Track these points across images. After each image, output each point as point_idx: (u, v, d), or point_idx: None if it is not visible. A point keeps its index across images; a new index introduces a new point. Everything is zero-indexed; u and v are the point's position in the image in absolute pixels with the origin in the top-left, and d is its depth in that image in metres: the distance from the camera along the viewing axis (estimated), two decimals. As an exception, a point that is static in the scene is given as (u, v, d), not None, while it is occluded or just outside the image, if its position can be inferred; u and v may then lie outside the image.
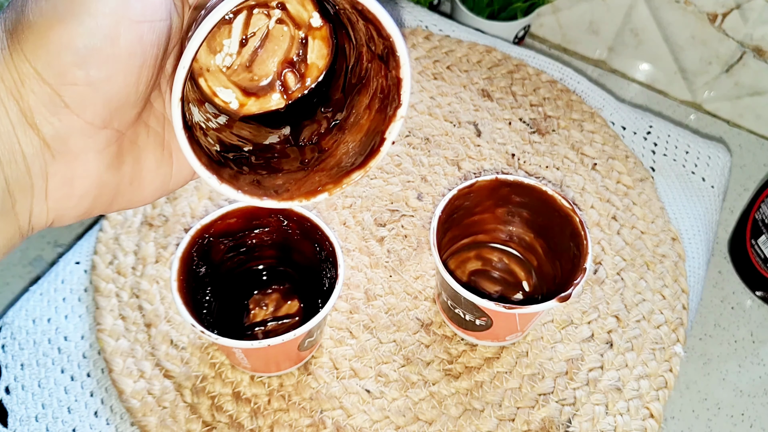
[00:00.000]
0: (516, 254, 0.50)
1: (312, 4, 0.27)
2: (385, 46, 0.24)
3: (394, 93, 0.25)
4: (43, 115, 0.21)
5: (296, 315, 0.47)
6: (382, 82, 0.26)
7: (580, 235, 0.42)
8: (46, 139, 0.22)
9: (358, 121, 0.27)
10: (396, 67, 0.24)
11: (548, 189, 0.44)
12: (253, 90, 0.27)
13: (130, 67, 0.22)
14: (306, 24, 0.27)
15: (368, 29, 0.25)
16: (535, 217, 0.47)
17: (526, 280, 0.49)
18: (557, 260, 0.46)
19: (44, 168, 0.22)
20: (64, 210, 0.23)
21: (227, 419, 0.43)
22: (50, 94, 0.21)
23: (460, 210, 0.46)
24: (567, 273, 0.43)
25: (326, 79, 0.29)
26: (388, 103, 0.26)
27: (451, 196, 0.44)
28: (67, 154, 0.22)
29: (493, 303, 0.40)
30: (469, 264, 0.50)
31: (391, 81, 0.25)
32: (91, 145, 0.22)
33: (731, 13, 0.68)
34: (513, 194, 0.46)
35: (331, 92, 0.29)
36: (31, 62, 0.21)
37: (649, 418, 0.45)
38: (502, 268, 0.50)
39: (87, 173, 0.23)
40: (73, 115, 0.21)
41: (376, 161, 0.26)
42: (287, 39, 0.27)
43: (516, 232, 0.49)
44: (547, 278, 0.47)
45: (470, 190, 0.45)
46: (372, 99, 0.27)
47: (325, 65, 0.28)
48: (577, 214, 0.43)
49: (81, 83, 0.21)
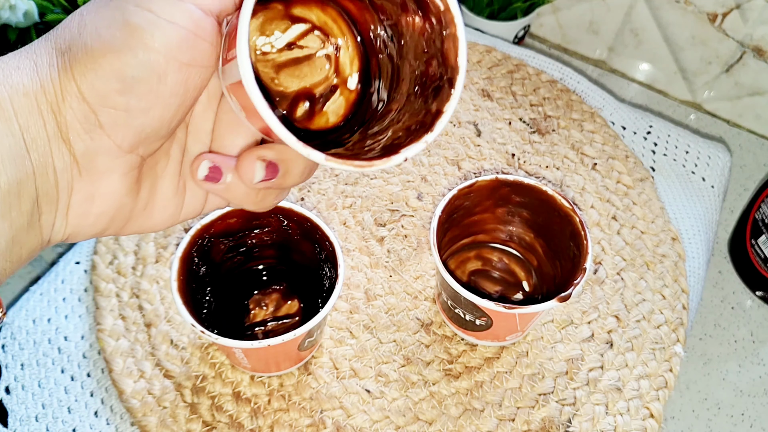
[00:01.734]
0: (516, 254, 0.50)
1: (358, 64, 0.27)
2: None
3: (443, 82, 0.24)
4: (77, 132, 0.22)
5: (296, 315, 0.47)
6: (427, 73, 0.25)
7: (580, 235, 0.42)
8: (76, 155, 0.23)
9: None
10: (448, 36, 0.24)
11: (548, 189, 0.44)
12: (265, 89, 0.27)
13: (168, 105, 0.23)
14: (343, 78, 0.27)
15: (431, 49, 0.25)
16: (535, 217, 0.47)
17: (526, 280, 0.49)
18: (557, 260, 0.46)
19: (70, 183, 0.23)
20: (81, 227, 0.24)
21: (227, 419, 0.43)
22: (87, 113, 0.22)
23: (460, 210, 0.46)
24: (567, 273, 0.43)
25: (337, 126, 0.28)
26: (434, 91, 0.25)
27: (451, 196, 0.44)
28: (92, 172, 0.23)
29: (493, 303, 0.40)
30: (469, 264, 0.50)
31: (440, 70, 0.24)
32: (116, 166, 0.23)
33: (731, 13, 0.68)
34: (513, 194, 0.46)
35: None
36: (77, 81, 0.22)
37: (649, 418, 0.45)
38: (502, 268, 0.50)
39: (108, 193, 0.24)
40: (105, 135, 0.23)
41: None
42: (322, 75, 0.27)
43: (516, 232, 0.49)
44: (547, 278, 0.47)
45: (470, 189, 0.45)
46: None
47: (335, 123, 0.28)
48: (578, 214, 0.43)
49: (119, 108, 0.22)
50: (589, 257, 0.41)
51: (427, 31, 0.24)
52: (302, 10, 0.27)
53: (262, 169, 0.25)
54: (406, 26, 0.25)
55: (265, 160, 0.25)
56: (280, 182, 0.25)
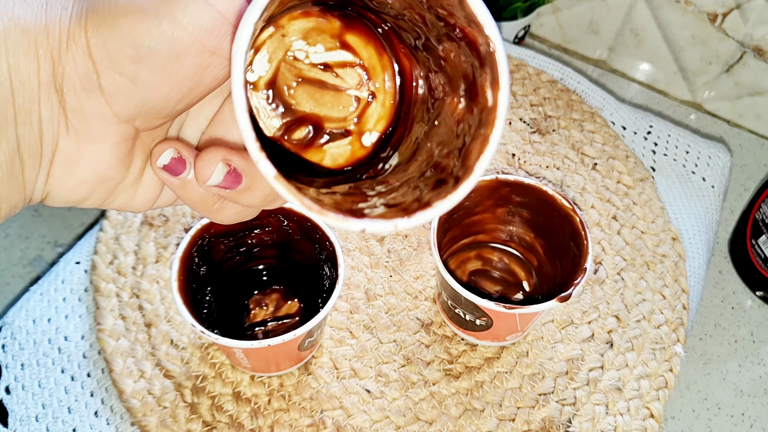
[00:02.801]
0: (516, 254, 0.50)
1: (384, 124, 0.25)
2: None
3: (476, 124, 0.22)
4: (73, 86, 0.20)
5: (296, 315, 0.47)
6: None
7: (580, 235, 0.42)
8: (66, 109, 0.21)
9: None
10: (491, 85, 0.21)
11: (548, 189, 0.44)
12: (276, 93, 0.25)
13: (179, 86, 0.21)
14: (362, 129, 0.25)
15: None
16: (536, 217, 0.47)
17: (527, 280, 0.49)
18: (557, 260, 0.46)
19: (55, 138, 0.21)
20: (60, 190, 0.22)
21: (227, 419, 0.43)
22: (90, 71, 0.20)
23: (461, 210, 0.46)
24: (567, 273, 0.43)
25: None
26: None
27: None
28: (81, 134, 0.21)
29: (493, 303, 0.40)
30: (469, 264, 0.50)
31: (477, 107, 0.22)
32: (107, 134, 0.22)
33: (731, 12, 0.68)
34: (513, 194, 0.46)
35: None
36: (87, 34, 0.20)
37: (650, 418, 0.45)
38: (502, 268, 0.50)
39: (94, 161, 0.22)
40: (103, 99, 0.21)
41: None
42: (342, 114, 0.25)
43: (516, 232, 0.49)
44: (548, 278, 0.47)
45: None
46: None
47: (328, 166, 0.25)
48: (578, 214, 0.43)
49: (126, 76, 0.20)
50: (590, 257, 0.41)
51: (464, 121, 0.22)
52: (358, 41, 0.24)
53: (222, 173, 0.22)
54: (448, 107, 0.23)
55: (229, 165, 0.22)
56: (236, 196, 0.23)
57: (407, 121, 0.25)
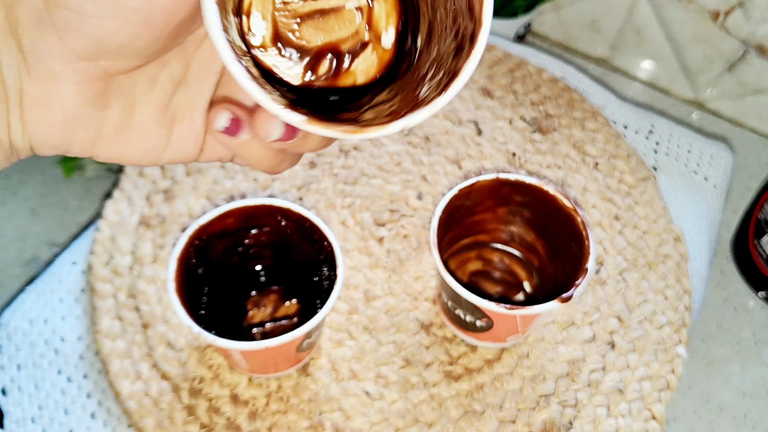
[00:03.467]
0: (517, 255, 0.49)
1: (395, 19, 0.25)
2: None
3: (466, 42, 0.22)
4: (26, 28, 0.21)
5: (294, 316, 0.47)
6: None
7: (581, 236, 0.42)
8: (24, 52, 0.21)
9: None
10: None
11: (550, 188, 0.44)
12: (284, 42, 0.25)
13: (129, 20, 0.20)
14: (377, 33, 0.25)
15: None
16: (537, 217, 0.46)
17: (528, 281, 0.49)
18: (559, 260, 0.45)
19: (19, 82, 0.21)
20: (39, 134, 0.22)
21: (225, 421, 0.43)
22: (39, 10, 0.20)
23: (461, 210, 0.46)
24: (569, 273, 0.43)
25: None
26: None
27: (451, 196, 0.44)
28: (43, 75, 0.21)
29: (494, 304, 0.39)
30: (469, 264, 0.49)
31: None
32: (68, 72, 0.22)
33: (734, 11, 0.67)
34: (514, 194, 0.46)
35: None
36: None
37: (652, 419, 0.45)
38: (503, 269, 0.49)
39: (62, 101, 0.22)
40: (56, 36, 0.21)
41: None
42: (352, 29, 0.24)
43: (517, 232, 0.48)
44: (549, 279, 0.46)
45: (471, 189, 0.45)
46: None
47: (368, 80, 0.25)
48: (579, 214, 0.43)
49: (72, 10, 0.20)
50: (591, 257, 0.41)
51: None
52: None
53: (280, 127, 0.23)
54: None
55: None
56: (297, 145, 0.23)
57: (414, 4, 0.25)
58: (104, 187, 0.61)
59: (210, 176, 0.53)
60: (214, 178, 0.53)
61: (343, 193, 0.54)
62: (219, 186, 0.53)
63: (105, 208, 0.52)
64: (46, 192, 0.60)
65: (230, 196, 0.53)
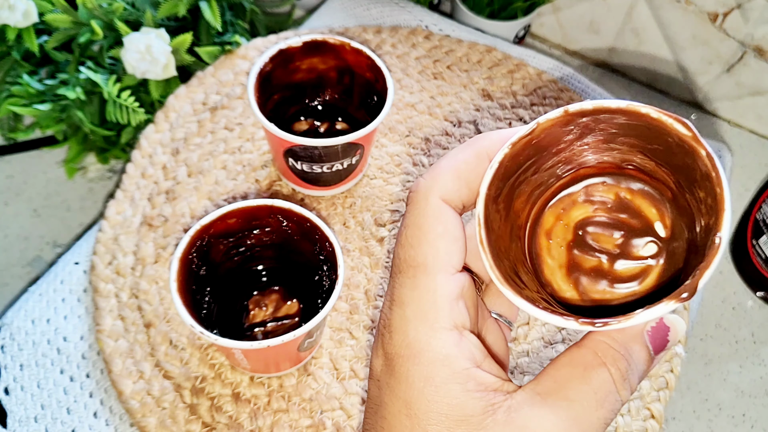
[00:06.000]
0: (640, 186, 0.28)
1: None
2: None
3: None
4: None
5: (296, 316, 0.47)
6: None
7: (710, 180, 0.24)
8: None
9: None
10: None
11: (651, 111, 0.24)
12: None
13: None
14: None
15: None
16: (648, 144, 0.27)
17: (660, 221, 0.28)
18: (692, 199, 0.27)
19: None
20: None
21: (227, 420, 0.43)
22: None
23: (526, 164, 0.26)
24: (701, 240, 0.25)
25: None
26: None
27: (500, 159, 0.24)
28: None
29: (575, 320, 0.23)
30: (573, 211, 0.29)
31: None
32: None
33: (732, 12, 0.67)
34: (600, 123, 0.26)
35: None
36: None
37: (650, 418, 0.45)
38: (623, 208, 0.28)
39: None
40: None
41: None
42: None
43: (629, 158, 0.28)
44: (689, 218, 0.27)
45: (531, 137, 0.25)
46: None
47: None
48: (704, 146, 0.24)
49: None
50: (726, 218, 0.22)
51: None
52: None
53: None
54: None
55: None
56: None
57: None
58: (107, 188, 0.61)
59: (212, 177, 0.53)
60: (216, 178, 0.54)
61: (343, 193, 0.54)
62: (221, 187, 0.53)
63: (107, 209, 0.52)
64: (49, 193, 0.60)
65: (232, 196, 0.53)
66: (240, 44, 0.61)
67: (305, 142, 0.45)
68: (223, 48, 0.60)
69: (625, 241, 0.26)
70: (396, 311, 0.22)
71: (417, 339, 0.21)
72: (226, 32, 0.63)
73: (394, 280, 0.23)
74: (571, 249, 0.26)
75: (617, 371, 0.22)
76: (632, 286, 0.25)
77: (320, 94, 0.53)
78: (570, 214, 0.27)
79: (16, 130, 0.60)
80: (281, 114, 0.51)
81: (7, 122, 0.60)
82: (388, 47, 0.62)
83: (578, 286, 0.25)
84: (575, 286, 0.25)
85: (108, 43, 0.58)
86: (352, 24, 0.66)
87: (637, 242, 0.26)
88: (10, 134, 0.60)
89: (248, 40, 0.62)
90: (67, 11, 0.57)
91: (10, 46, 0.59)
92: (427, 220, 0.22)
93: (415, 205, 0.23)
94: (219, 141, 0.55)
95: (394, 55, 0.62)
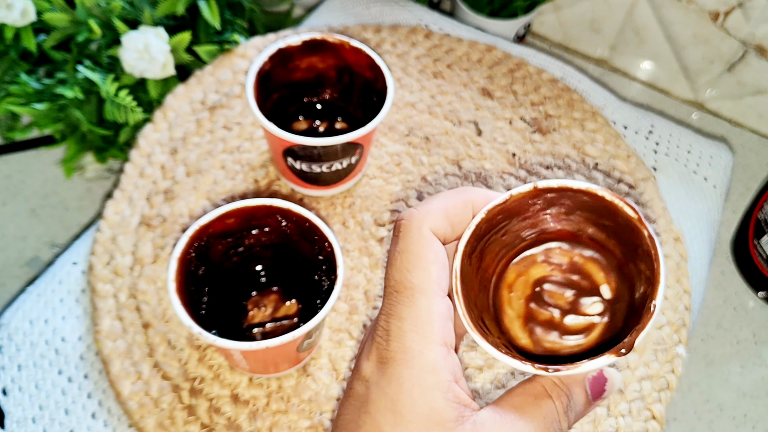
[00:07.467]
0: (590, 254, 0.32)
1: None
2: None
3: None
4: None
5: (295, 316, 0.47)
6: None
7: (650, 256, 0.28)
8: None
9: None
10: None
11: (606, 193, 0.29)
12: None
13: None
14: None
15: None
16: (601, 220, 0.31)
17: (607, 284, 0.31)
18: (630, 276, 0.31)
19: None
20: None
21: (225, 421, 0.43)
22: None
23: (497, 227, 0.31)
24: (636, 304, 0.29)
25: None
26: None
27: (476, 223, 0.28)
28: None
29: (530, 365, 0.26)
30: (533, 270, 0.32)
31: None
32: None
33: (733, 11, 0.67)
34: (563, 200, 0.30)
35: None
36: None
37: (652, 419, 0.45)
38: (574, 270, 0.33)
39: None
40: None
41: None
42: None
43: (584, 228, 0.32)
44: (630, 283, 0.31)
45: (503, 207, 0.30)
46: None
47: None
48: (646, 226, 0.28)
49: None
50: (660, 291, 0.26)
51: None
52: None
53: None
54: None
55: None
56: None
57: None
58: (105, 188, 0.61)
59: (210, 177, 0.53)
60: (215, 178, 0.53)
61: (343, 193, 0.54)
62: (219, 186, 0.53)
63: (105, 209, 0.52)
64: (47, 192, 0.60)
65: (231, 196, 0.53)
66: (239, 43, 0.60)
67: (304, 142, 0.45)
68: (221, 47, 0.60)
69: (576, 299, 0.29)
70: (394, 323, 0.25)
71: (412, 348, 0.24)
72: (224, 31, 0.62)
73: (390, 299, 0.25)
74: (528, 302, 0.29)
75: (560, 404, 0.25)
76: (579, 338, 0.29)
77: (319, 94, 0.53)
78: (530, 271, 0.30)
79: (14, 129, 0.60)
80: (280, 113, 0.51)
81: (5, 121, 0.60)
82: (388, 46, 0.62)
83: (533, 335, 0.29)
84: (530, 335, 0.28)
85: (106, 42, 0.58)
86: (351, 23, 0.66)
87: (585, 301, 0.29)
88: (7, 133, 0.60)
89: (247, 38, 0.62)
90: (65, 10, 0.56)
91: (8, 45, 0.59)
92: (422, 247, 0.25)
93: (409, 233, 0.26)
94: (218, 140, 0.55)
95: (394, 54, 0.62)
